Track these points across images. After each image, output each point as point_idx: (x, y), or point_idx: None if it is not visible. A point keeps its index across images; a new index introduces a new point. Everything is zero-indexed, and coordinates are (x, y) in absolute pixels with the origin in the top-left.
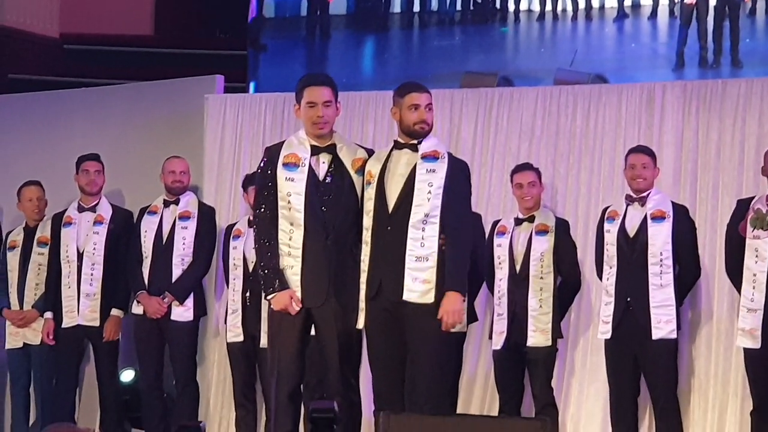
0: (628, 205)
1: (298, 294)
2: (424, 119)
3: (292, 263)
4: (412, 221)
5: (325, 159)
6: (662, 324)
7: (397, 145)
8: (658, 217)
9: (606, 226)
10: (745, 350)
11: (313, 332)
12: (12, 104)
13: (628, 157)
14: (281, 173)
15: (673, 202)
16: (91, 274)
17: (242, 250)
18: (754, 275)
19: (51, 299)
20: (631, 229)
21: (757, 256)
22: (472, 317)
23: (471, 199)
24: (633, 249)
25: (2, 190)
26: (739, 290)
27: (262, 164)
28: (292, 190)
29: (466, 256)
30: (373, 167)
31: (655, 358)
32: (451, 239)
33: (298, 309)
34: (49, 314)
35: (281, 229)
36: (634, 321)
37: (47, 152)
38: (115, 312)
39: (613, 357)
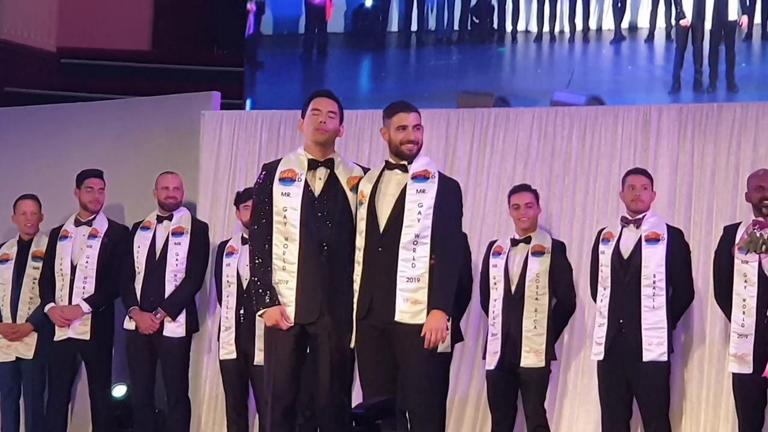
0: (623, 227)
1: (291, 309)
2: (411, 139)
3: (286, 278)
4: (403, 242)
5: (321, 175)
6: (653, 346)
7: (388, 166)
8: (653, 240)
9: (601, 247)
10: (734, 374)
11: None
12: (8, 118)
13: (627, 179)
14: (277, 188)
15: (668, 225)
16: (83, 288)
17: (236, 267)
18: (744, 300)
19: (40, 312)
20: (626, 251)
21: (746, 281)
22: (457, 337)
23: (461, 218)
24: (627, 271)
25: None
26: (728, 316)
27: (259, 180)
28: (287, 204)
29: (453, 276)
30: (365, 187)
31: (646, 380)
32: (439, 259)
33: (288, 325)
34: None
35: (275, 243)
36: (626, 343)
37: (43, 166)
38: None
39: (606, 378)
